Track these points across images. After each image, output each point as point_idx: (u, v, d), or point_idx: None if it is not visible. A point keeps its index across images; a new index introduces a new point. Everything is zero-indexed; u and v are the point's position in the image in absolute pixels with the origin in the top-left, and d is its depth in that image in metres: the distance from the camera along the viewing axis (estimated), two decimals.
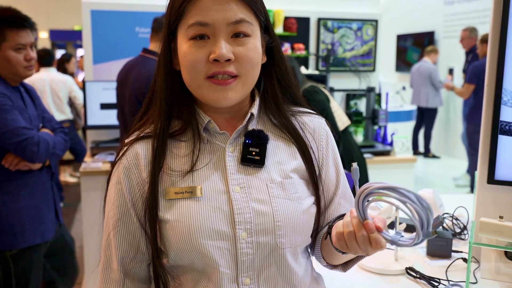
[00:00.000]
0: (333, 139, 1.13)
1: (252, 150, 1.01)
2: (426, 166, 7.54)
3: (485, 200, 1.42)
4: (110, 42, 3.70)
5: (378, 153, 3.95)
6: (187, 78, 0.98)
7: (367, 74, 4.65)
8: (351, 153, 3.21)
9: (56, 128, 2.25)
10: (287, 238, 0.97)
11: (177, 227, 0.95)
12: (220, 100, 0.96)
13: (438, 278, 1.34)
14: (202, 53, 0.94)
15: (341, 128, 3.17)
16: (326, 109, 3.01)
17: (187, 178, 0.98)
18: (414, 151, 7.71)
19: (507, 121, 1.32)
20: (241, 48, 0.95)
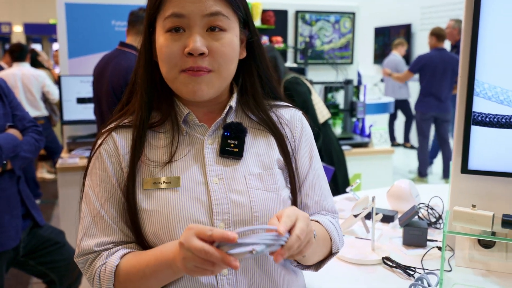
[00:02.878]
0: (309, 131, 1.14)
1: (231, 142, 1.02)
2: (404, 156, 7.64)
3: (459, 189, 1.44)
4: (85, 36, 3.65)
5: (356, 145, 3.99)
6: (163, 70, 0.99)
7: (345, 66, 4.68)
8: (330, 146, 3.23)
9: (28, 127, 2.17)
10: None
11: (155, 217, 0.96)
12: (195, 91, 0.97)
13: (414, 267, 1.36)
14: (177, 46, 0.95)
15: (321, 121, 3.19)
16: (308, 101, 3.02)
17: (165, 169, 0.99)
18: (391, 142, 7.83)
19: (479, 112, 1.35)
20: (216, 43, 0.96)
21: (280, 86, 2.95)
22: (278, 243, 0.81)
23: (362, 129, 4.27)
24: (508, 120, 1.32)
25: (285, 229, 0.81)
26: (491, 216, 1.21)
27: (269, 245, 0.80)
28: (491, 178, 1.39)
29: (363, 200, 1.57)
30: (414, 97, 7.98)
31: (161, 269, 0.91)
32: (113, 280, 0.96)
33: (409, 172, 6.61)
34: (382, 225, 1.76)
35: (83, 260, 1.00)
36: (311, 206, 1.11)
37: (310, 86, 3.19)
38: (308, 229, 0.87)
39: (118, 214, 0.99)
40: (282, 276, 1.05)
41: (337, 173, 3.21)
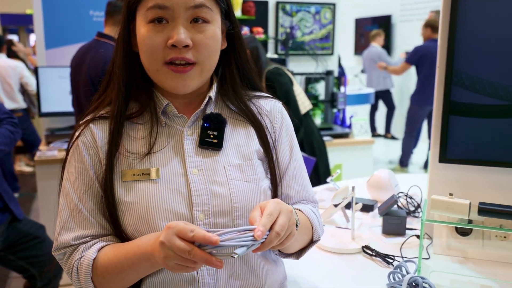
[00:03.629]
0: (289, 122, 1.14)
1: (210, 133, 1.02)
2: (385, 147, 7.71)
3: (438, 178, 1.46)
4: (63, 26, 3.58)
5: (337, 135, 4.01)
6: (145, 62, 0.97)
7: (326, 57, 4.69)
8: (311, 137, 3.24)
9: (3, 118, 2.13)
10: (244, 220, 0.98)
11: (134, 209, 0.95)
12: (178, 87, 0.96)
13: (393, 255, 1.37)
14: (160, 38, 0.93)
15: (303, 112, 3.19)
16: (290, 91, 3.02)
17: (144, 160, 0.99)
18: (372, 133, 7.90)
19: (457, 101, 1.36)
20: (200, 35, 0.95)
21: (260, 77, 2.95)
22: (258, 242, 0.81)
23: (342, 120, 4.29)
24: (484, 109, 1.34)
25: (263, 231, 0.81)
26: (468, 204, 1.23)
27: (249, 246, 0.80)
28: (468, 167, 1.41)
29: (343, 190, 1.58)
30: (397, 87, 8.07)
31: (139, 263, 0.91)
32: (90, 274, 0.95)
33: (390, 163, 6.69)
34: (362, 214, 1.77)
35: (61, 254, 0.99)
36: (293, 196, 1.12)
37: (292, 76, 3.19)
38: (290, 222, 0.87)
39: (96, 207, 0.98)
40: (262, 266, 1.05)
41: (318, 163, 3.22)
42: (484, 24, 1.31)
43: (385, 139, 8.21)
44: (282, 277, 1.16)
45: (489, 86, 1.33)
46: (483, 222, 1.33)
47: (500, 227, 1.31)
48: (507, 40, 1.29)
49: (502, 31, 1.29)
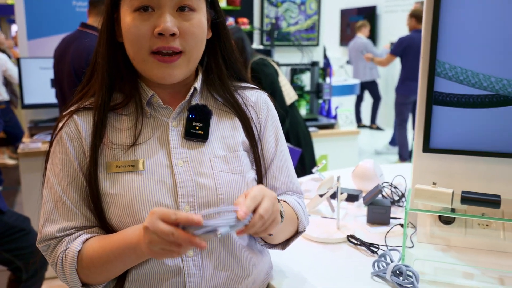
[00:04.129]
0: (275, 114, 1.14)
1: (196, 124, 1.01)
2: (370, 138, 7.76)
3: (421, 168, 1.48)
4: (45, 17, 3.53)
5: (322, 126, 4.03)
6: (130, 51, 0.96)
7: (311, 48, 4.69)
8: (297, 127, 3.25)
9: None
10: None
11: (119, 201, 0.95)
12: (165, 77, 0.96)
13: (377, 244, 1.39)
14: (146, 27, 0.92)
15: (288, 102, 3.19)
16: (275, 82, 3.02)
17: (129, 152, 0.98)
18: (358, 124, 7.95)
19: (440, 92, 1.37)
20: (186, 23, 0.94)
21: (246, 68, 2.94)
22: (241, 223, 0.81)
23: (328, 110, 4.31)
24: (468, 99, 1.35)
25: (246, 212, 0.81)
26: (450, 193, 1.25)
27: (232, 226, 0.80)
28: (451, 157, 1.43)
29: (328, 180, 1.59)
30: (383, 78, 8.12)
31: (125, 254, 0.90)
32: (75, 266, 0.94)
33: (375, 153, 6.73)
34: (347, 204, 1.79)
35: (45, 246, 0.98)
36: (279, 187, 1.12)
37: (277, 67, 3.19)
38: (273, 208, 0.88)
39: (80, 199, 0.98)
40: (248, 256, 1.06)
41: (304, 154, 3.23)
42: (468, 15, 1.32)
43: (370, 130, 8.27)
44: (268, 267, 1.17)
45: (472, 76, 1.34)
46: (465, 211, 1.34)
47: (482, 215, 1.33)
48: (490, 31, 1.30)
49: (485, 22, 1.30)
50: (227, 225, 0.80)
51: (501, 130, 1.35)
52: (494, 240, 1.33)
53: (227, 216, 0.80)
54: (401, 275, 1.15)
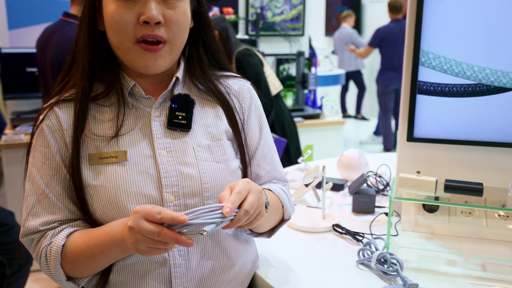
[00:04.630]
0: (258, 102, 1.14)
1: (179, 114, 1.01)
2: (355, 128, 7.81)
3: (406, 157, 1.49)
4: (27, 6, 3.46)
5: (308, 116, 4.04)
6: (114, 40, 0.94)
7: (297, 38, 4.68)
8: (282, 118, 3.25)
9: None
10: (214, 200, 0.98)
11: (103, 192, 0.94)
12: (149, 66, 0.95)
13: (362, 233, 1.40)
14: (130, 15, 0.91)
15: (274, 93, 3.19)
16: (260, 73, 3.01)
17: (112, 143, 0.97)
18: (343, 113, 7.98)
19: (424, 81, 1.38)
20: (171, 11, 0.93)
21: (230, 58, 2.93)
22: (227, 219, 0.81)
23: (313, 100, 4.31)
24: (451, 88, 1.36)
25: (231, 208, 0.81)
26: (434, 181, 1.26)
27: (218, 223, 0.80)
28: (435, 146, 1.44)
29: (314, 170, 1.60)
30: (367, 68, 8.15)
31: (109, 249, 0.90)
32: (59, 260, 0.94)
33: (360, 143, 6.77)
34: (332, 193, 1.80)
35: (28, 240, 0.97)
36: (263, 176, 1.12)
37: (262, 58, 3.18)
38: (259, 202, 0.88)
39: (63, 192, 0.97)
40: (234, 245, 1.06)
41: (289, 145, 3.24)
42: (451, 5, 1.32)
43: (355, 119, 8.31)
44: (254, 257, 1.17)
45: (456, 66, 1.35)
46: (449, 199, 1.36)
47: (466, 203, 1.35)
48: (474, 21, 1.31)
49: (468, 11, 1.31)
50: (213, 222, 0.80)
51: (483, 119, 1.36)
52: (476, 228, 1.34)
53: (213, 213, 0.80)
54: (386, 263, 1.16)
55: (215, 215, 0.80)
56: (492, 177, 1.39)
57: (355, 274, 1.20)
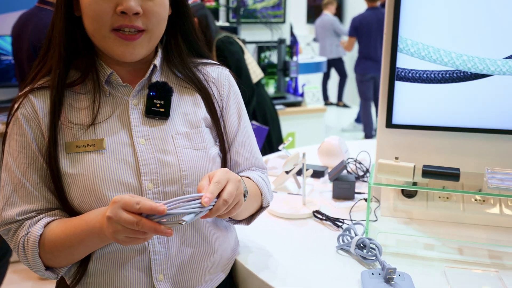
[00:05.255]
0: (237, 90, 1.14)
1: (157, 102, 1.00)
2: (337, 115, 7.84)
3: (385, 143, 1.50)
4: None
5: (289, 104, 4.04)
6: (90, 28, 0.93)
7: (278, 25, 4.66)
8: (264, 105, 3.25)
9: None
10: (194, 187, 0.98)
11: (81, 181, 0.93)
12: (126, 55, 0.94)
13: (342, 219, 1.41)
14: (108, 3, 0.89)
15: (255, 80, 3.18)
16: (241, 60, 3.00)
17: (89, 131, 0.96)
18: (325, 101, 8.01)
19: (402, 68, 1.39)
20: (150, 2, 0.92)
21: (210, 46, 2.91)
22: (205, 209, 0.81)
23: (295, 88, 4.32)
24: (429, 75, 1.37)
25: (210, 198, 0.81)
26: (412, 167, 1.27)
27: (197, 213, 0.80)
28: (413, 132, 1.45)
29: (294, 157, 1.60)
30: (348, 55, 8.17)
31: (88, 238, 0.89)
32: (37, 250, 0.93)
33: (342, 131, 6.81)
34: (313, 180, 1.81)
35: (5, 230, 0.96)
36: (242, 163, 1.12)
37: (243, 45, 3.17)
38: (238, 191, 0.88)
39: (40, 181, 0.96)
40: (213, 233, 1.06)
41: (271, 132, 3.24)
42: None
43: (337, 107, 8.35)
44: (234, 243, 1.17)
45: (433, 52, 1.36)
46: (427, 184, 1.38)
47: (443, 188, 1.37)
48: (451, 8, 1.32)
49: None
50: (192, 212, 0.80)
51: (460, 106, 1.38)
52: (454, 212, 1.37)
53: (191, 203, 0.80)
54: (365, 248, 1.18)
55: (194, 205, 0.80)
56: (469, 162, 1.41)
57: (335, 259, 1.21)
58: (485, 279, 1.08)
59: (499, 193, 1.27)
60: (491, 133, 1.38)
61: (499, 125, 1.37)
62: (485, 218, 1.34)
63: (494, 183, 1.23)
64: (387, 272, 1.04)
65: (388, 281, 1.04)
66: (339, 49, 7.73)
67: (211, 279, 1.06)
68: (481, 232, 1.32)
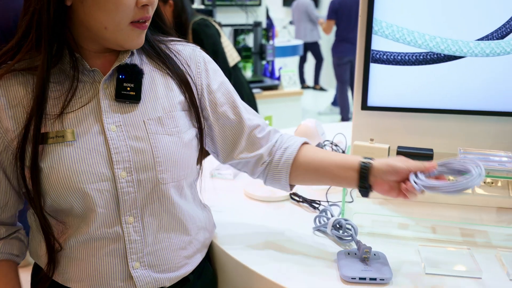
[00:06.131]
0: (214, 65, 1.12)
1: (127, 85, 0.97)
2: (314, 98, 7.88)
3: (360, 125, 1.52)
4: None
5: (266, 87, 4.04)
6: (103, 20, 0.89)
7: (254, 8, 4.63)
8: (241, 89, 3.23)
9: None
10: (168, 174, 0.97)
11: (52, 174, 0.90)
12: (138, 43, 0.96)
13: (319, 200, 1.43)
14: None
15: (231, 64, 3.16)
16: (217, 44, 2.97)
17: (57, 122, 0.92)
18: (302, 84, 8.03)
19: (377, 50, 1.40)
20: None
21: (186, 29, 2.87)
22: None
23: (272, 72, 4.31)
24: (403, 57, 1.39)
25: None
26: (387, 148, 1.29)
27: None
28: (388, 114, 1.47)
29: None
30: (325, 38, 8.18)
31: None
32: None
33: (318, 114, 6.85)
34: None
35: None
36: (261, 123, 1.14)
37: (219, 28, 3.14)
38: None
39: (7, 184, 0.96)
40: (190, 217, 1.06)
41: None
42: None
43: (314, 90, 8.38)
44: (210, 226, 1.17)
45: (408, 34, 1.37)
46: None
47: None
48: None
49: None
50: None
51: (434, 87, 1.40)
52: (427, 192, 1.39)
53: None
54: (341, 228, 1.19)
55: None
56: (442, 143, 1.43)
57: (311, 240, 1.22)
58: (457, 256, 1.11)
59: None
60: (463, 114, 1.41)
61: (471, 106, 1.40)
62: (457, 198, 1.37)
63: None
64: (363, 251, 1.06)
65: (364, 260, 1.06)
66: (313, 33, 7.73)
67: (188, 262, 1.06)
68: (453, 211, 1.35)
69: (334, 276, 1.05)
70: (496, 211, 1.37)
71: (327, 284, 1.03)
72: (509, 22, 1.31)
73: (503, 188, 1.37)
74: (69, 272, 0.98)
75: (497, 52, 1.34)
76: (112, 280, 0.96)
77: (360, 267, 1.04)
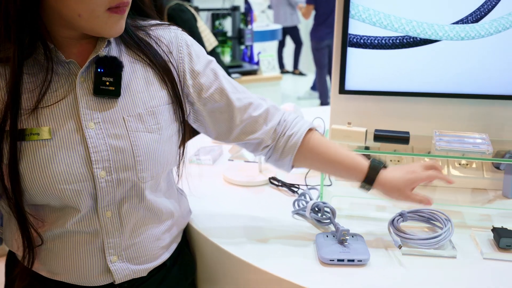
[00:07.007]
0: (197, 48, 1.07)
1: (106, 79, 0.91)
2: (293, 83, 7.88)
3: (338, 109, 1.52)
4: None
5: (245, 72, 4.03)
6: (77, 8, 0.83)
7: None
8: None
9: None
10: (148, 172, 0.94)
11: (28, 175, 0.86)
12: (117, 30, 0.89)
13: (298, 184, 1.44)
14: None
15: (209, 49, 3.14)
16: (193, 29, 2.94)
17: (31, 118, 0.87)
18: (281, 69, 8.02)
19: (355, 34, 1.40)
20: None
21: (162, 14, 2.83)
22: None
23: (250, 56, 4.29)
24: (380, 41, 1.39)
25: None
26: (364, 132, 1.30)
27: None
28: (365, 97, 1.48)
29: None
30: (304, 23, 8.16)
31: None
32: None
33: (298, 98, 6.86)
34: None
35: None
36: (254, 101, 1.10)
37: (195, 13, 3.10)
38: None
39: None
40: (166, 208, 1.05)
41: None
42: None
43: (293, 75, 8.38)
44: (186, 213, 1.17)
45: (384, 18, 1.38)
46: (379, 148, 1.42)
47: (394, 151, 1.41)
48: None
49: None
50: None
51: (410, 71, 1.41)
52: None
53: None
54: (320, 211, 1.21)
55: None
56: (418, 126, 1.45)
57: (290, 223, 1.24)
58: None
59: (446, 154, 1.32)
60: (439, 97, 1.43)
61: (446, 89, 1.42)
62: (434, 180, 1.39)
63: (441, 145, 1.28)
64: (341, 234, 1.08)
65: (342, 242, 1.08)
66: (293, 18, 7.71)
67: (165, 251, 1.06)
68: (428, 192, 1.37)
69: (313, 258, 1.07)
70: (471, 192, 1.39)
71: (306, 266, 1.04)
72: (483, 6, 1.33)
73: (477, 169, 1.40)
74: (48, 265, 0.96)
75: (471, 36, 1.35)
76: (90, 273, 0.96)
77: (338, 249, 1.06)
